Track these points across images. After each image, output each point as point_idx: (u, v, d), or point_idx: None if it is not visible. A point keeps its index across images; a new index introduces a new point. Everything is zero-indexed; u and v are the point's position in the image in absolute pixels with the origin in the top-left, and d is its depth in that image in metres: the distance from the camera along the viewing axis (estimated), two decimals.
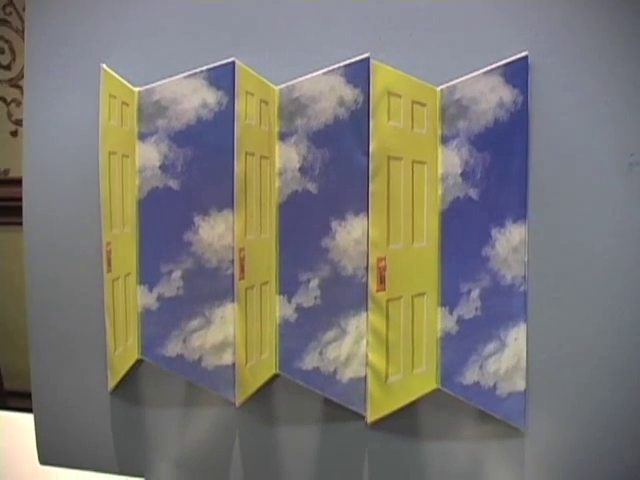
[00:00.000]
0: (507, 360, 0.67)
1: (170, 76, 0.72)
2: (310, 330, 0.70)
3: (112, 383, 0.79)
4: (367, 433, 0.72)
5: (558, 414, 0.68)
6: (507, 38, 0.66)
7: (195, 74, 0.71)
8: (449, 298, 0.66)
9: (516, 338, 0.67)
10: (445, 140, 0.66)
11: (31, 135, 0.81)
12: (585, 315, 0.67)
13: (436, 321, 0.67)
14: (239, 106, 0.70)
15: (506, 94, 0.65)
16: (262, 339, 0.72)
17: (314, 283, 0.69)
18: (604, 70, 0.65)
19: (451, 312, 0.66)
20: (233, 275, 0.73)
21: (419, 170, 0.67)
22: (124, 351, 0.76)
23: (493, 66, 0.65)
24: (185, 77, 0.72)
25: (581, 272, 0.66)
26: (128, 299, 0.75)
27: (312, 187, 0.69)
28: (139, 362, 0.75)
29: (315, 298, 0.70)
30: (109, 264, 0.76)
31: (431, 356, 0.67)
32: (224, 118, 0.71)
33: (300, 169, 0.69)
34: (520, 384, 0.68)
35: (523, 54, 0.65)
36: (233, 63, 0.70)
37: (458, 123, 0.66)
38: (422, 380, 0.67)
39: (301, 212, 0.69)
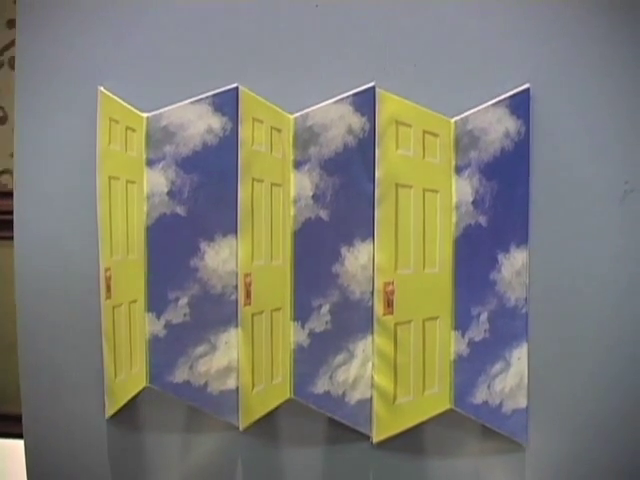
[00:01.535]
0: (511, 379, 0.70)
1: (170, 102, 0.72)
2: (321, 355, 0.71)
3: (111, 410, 0.77)
4: (372, 453, 0.74)
5: (556, 429, 0.71)
6: (509, 71, 0.69)
7: (200, 100, 0.71)
8: (461, 322, 0.69)
9: (519, 357, 0.70)
10: (459, 170, 0.68)
11: (23, 159, 0.78)
12: (582, 334, 0.70)
13: (449, 344, 0.69)
14: (243, 131, 0.70)
15: (511, 124, 0.68)
16: (273, 364, 0.72)
17: (325, 308, 0.70)
18: (600, 102, 0.68)
19: (463, 335, 0.69)
20: (237, 300, 0.73)
21: (431, 198, 0.69)
22: (127, 378, 0.75)
23: (500, 98, 0.68)
24: (191, 102, 0.71)
25: (578, 293, 0.70)
26: (133, 326, 0.74)
27: (324, 214, 0.70)
28: None
29: (326, 323, 0.71)
30: (108, 290, 0.75)
31: (444, 378, 0.69)
32: (229, 144, 0.71)
33: (313, 196, 0.69)
34: (522, 401, 0.70)
35: (525, 86, 0.68)
36: (236, 89, 0.70)
37: (470, 153, 0.68)
38: (434, 401, 0.69)
39: (313, 239, 0.70)
